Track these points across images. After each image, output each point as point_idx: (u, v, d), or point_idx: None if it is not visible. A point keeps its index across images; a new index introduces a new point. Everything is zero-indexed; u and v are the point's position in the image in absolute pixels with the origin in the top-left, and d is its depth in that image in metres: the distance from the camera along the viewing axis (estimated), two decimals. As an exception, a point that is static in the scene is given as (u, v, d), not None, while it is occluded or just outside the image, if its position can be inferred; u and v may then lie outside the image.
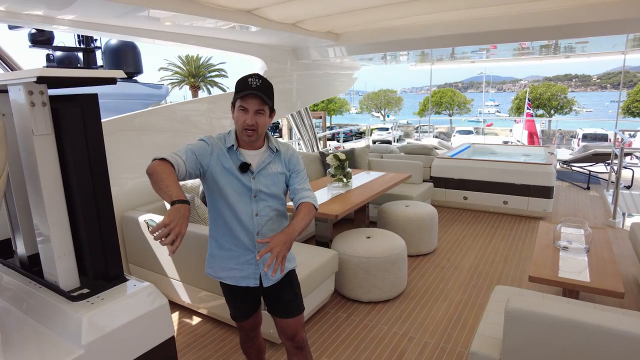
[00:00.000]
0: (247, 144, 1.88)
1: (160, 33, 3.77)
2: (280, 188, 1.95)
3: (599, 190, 7.07)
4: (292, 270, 2.06)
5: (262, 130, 1.83)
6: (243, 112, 1.77)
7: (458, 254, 4.42)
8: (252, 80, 1.75)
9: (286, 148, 2.03)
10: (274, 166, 1.93)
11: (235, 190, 1.87)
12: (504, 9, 3.92)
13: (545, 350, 1.78)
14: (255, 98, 1.74)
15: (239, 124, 1.79)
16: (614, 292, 2.58)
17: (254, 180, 1.87)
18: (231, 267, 1.93)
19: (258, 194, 1.88)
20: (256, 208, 1.89)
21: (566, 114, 36.11)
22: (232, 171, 1.85)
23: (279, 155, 1.96)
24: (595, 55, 7.59)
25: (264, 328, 2.82)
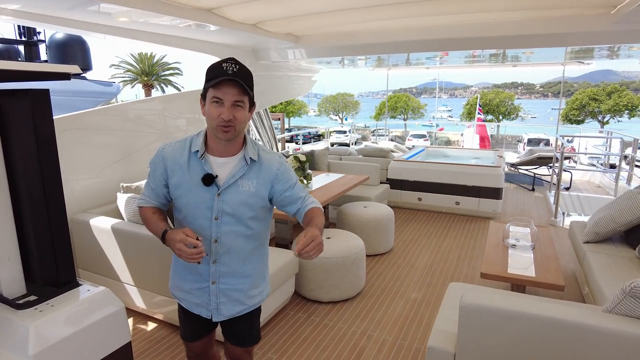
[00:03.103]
0: (218, 149, 1.55)
1: (112, 28, 3.62)
2: (251, 211, 1.58)
3: (543, 192, 7.53)
4: (258, 309, 1.82)
5: (240, 128, 1.50)
6: (217, 105, 1.44)
7: (413, 253, 4.56)
8: (227, 66, 1.42)
9: (270, 160, 1.62)
10: (246, 182, 1.56)
11: (194, 207, 1.55)
12: (457, 18, 4.10)
13: (497, 340, 1.88)
14: (232, 86, 1.42)
15: (212, 120, 1.46)
16: (555, 285, 2.77)
17: (219, 197, 1.53)
18: (186, 290, 1.69)
19: (221, 215, 1.54)
20: (216, 233, 1.56)
21: (513, 119, 38.16)
22: (192, 184, 1.53)
23: (258, 168, 1.58)
24: (538, 65, 8.11)
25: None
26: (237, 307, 1.69)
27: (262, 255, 1.76)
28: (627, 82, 36.76)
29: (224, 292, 1.64)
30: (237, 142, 1.56)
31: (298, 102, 41.73)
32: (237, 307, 1.69)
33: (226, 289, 1.64)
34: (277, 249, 3.36)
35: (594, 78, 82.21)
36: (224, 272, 1.63)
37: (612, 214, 3.49)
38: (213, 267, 1.61)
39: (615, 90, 32.38)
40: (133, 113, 4.11)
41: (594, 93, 33.01)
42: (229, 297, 1.66)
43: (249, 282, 1.69)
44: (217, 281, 1.63)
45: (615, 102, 31.65)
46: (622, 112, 31.91)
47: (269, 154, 1.65)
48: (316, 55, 5.27)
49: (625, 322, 1.71)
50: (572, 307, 1.95)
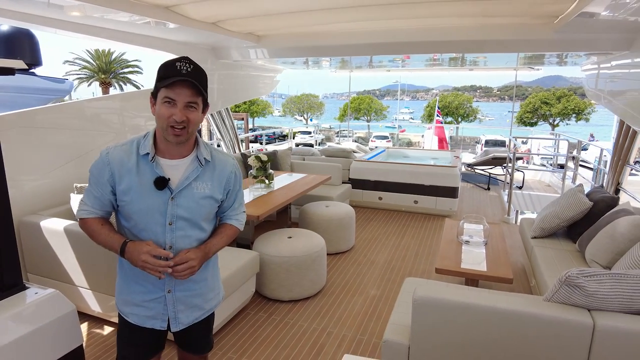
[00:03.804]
0: (168, 151, 1.49)
1: (64, 23, 3.48)
2: (207, 214, 1.57)
3: (497, 191, 7.88)
4: (212, 315, 1.78)
5: (193, 129, 1.45)
6: (169, 105, 1.38)
7: (374, 251, 4.66)
8: (181, 65, 1.36)
9: (224, 161, 1.60)
10: (201, 185, 1.52)
11: (145, 214, 1.46)
12: (417, 23, 4.23)
13: (448, 331, 1.98)
14: (186, 87, 1.37)
15: (163, 121, 1.39)
16: (504, 279, 2.92)
17: (172, 201, 1.47)
18: (136, 304, 1.57)
19: (175, 220, 1.49)
20: (171, 239, 1.49)
21: (471, 121, 39.59)
22: (143, 189, 1.45)
23: (211, 170, 1.55)
24: (494, 69, 8.49)
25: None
26: (195, 312, 1.65)
27: (214, 258, 1.73)
28: (575, 88, 38.95)
29: (181, 300, 1.59)
30: (188, 143, 1.50)
31: (262, 102, 41.43)
32: (196, 313, 1.65)
33: (184, 296, 1.59)
34: (238, 249, 3.36)
35: (545, 83, 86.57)
36: (180, 279, 1.55)
37: (556, 211, 3.72)
38: (168, 276, 1.52)
39: (564, 95, 34.32)
40: (90, 111, 3.97)
41: (545, 97, 34.83)
42: (187, 304, 1.61)
43: (206, 285, 1.67)
44: (174, 289, 1.57)
45: (564, 106, 33.52)
46: (570, 116, 33.84)
47: (222, 155, 1.62)
48: (278, 55, 5.28)
49: (562, 309, 1.84)
50: (517, 297, 2.08)
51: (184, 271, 1.44)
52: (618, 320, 1.75)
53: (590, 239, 3.21)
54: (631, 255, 2.60)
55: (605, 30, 3.42)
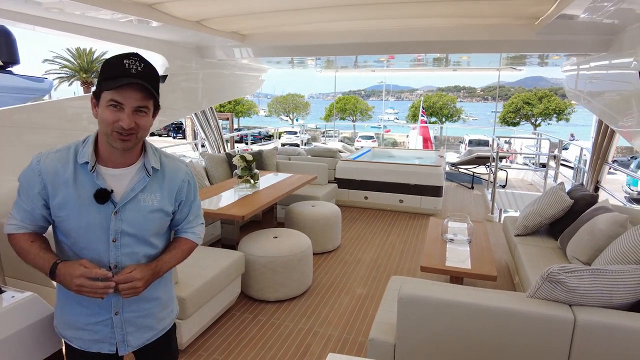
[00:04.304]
0: (112, 159, 1.32)
1: (43, 19, 3.39)
2: (156, 228, 1.41)
3: (481, 189, 7.98)
4: (173, 326, 1.64)
5: (142, 135, 1.31)
6: (115, 110, 1.23)
7: (360, 250, 4.68)
8: (130, 63, 1.22)
9: (176, 168, 1.45)
10: (148, 196, 1.36)
11: (86, 230, 1.30)
12: (401, 23, 4.25)
13: (433, 329, 1.99)
14: (135, 90, 1.22)
15: (107, 126, 1.24)
16: (489, 276, 2.96)
17: (116, 216, 1.31)
18: (80, 327, 1.40)
19: (119, 236, 1.33)
20: (115, 257, 1.34)
21: (455, 121, 40.05)
22: (82, 203, 1.28)
23: (160, 179, 1.40)
24: (477, 70, 8.60)
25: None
26: (146, 334, 1.49)
27: (168, 273, 1.56)
28: (556, 88, 39.72)
29: (131, 322, 1.43)
30: (135, 150, 1.35)
31: (247, 102, 41.21)
32: (147, 334, 1.50)
33: (133, 317, 1.43)
34: (222, 250, 3.33)
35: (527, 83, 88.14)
36: (129, 299, 1.39)
37: (539, 209, 3.78)
38: (115, 296, 1.36)
39: (545, 95, 34.99)
40: (71, 111, 3.88)
41: (527, 97, 35.45)
42: (137, 326, 1.46)
43: (158, 304, 1.51)
44: (121, 311, 1.41)
45: (546, 107, 34.16)
46: (552, 116, 34.51)
47: (173, 162, 1.46)
48: (263, 54, 5.24)
49: (544, 305, 1.87)
50: (501, 294, 2.11)
51: (127, 290, 1.30)
52: (597, 315, 1.79)
53: (571, 236, 3.27)
54: (610, 251, 2.66)
55: (584, 31, 3.49)
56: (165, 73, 4.69)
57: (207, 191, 4.25)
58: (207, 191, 4.25)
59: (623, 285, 1.82)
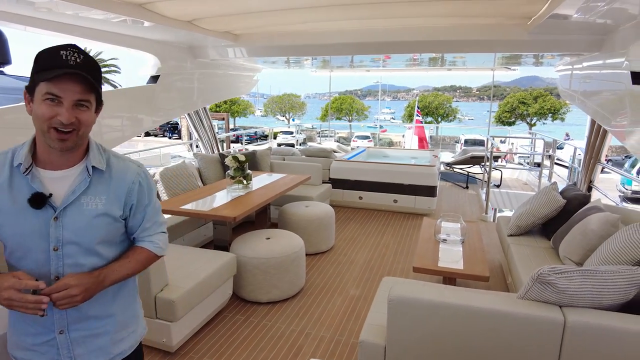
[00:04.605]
0: (51, 160, 1.21)
1: (34, 20, 3.36)
2: (103, 236, 1.26)
3: (476, 189, 7.99)
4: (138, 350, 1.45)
5: (85, 132, 1.19)
6: (52, 104, 1.12)
7: (353, 250, 4.66)
8: (68, 55, 1.12)
9: (124, 169, 1.31)
10: (92, 200, 1.23)
11: (22, 238, 1.19)
12: (396, 22, 4.24)
13: (424, 331, 1.98)
14: (75, 81, 1.13)
15: (43, 122, 1.13)
16: (481, 277, 2.95)
17: (56, 222, 1.19)
18: (28, 348, 1.27)
19: (61, 245, 1.20)
20: (57, 268, 1.20)
21: (451, 121, 40.14)
22: (18, 209, 1.17)
23: (107, 181, 1.27)
24: (472, 69, 8.61)
25: (154, 336, 2.69)
26: (100, 358, 1.32)
27: (128, 288, 1.40)
28: (551, 88, 39.84)
29: (79, 342, 1.27)
30: (79, 149, 1.24)
31: (243, 102, 41.11)
32: (101, 358, 1.32)
33: (81, 337, 1.27)
34: (214, 251, 3.31)
35: (523, 83, 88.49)
36: (74, 317, 1.25)
37: (532, 209, 3.78)
38: (58, 313, 1.22)
39: (541, 95, 35.12)
40: None
41: (523, 97, 35.56)
42: (87, 347, 1.29)
43: (114, 322, 1.34)
44: (67, 329, 1.25)
45: (541, 106, 34.29)
46: (547, 115, 34.64)
47: (123, 162, 1.33)
48: (257, 54, 5.22)
49: (534, 306, 1.86)
50: (492, 295, 2.10)
51: (62, 300, 1.14)
52: (587, 316, 1.78)
53: (564, 236, 3.27)
54: (601, 251, 2.66)
55: (577, 31, 3.49)
56: (157, 73, 4.66)
57: (199, 192, 4.22)
58: (199, 192, 4.22)
59: (613, 286, 1.82)
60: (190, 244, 4.25)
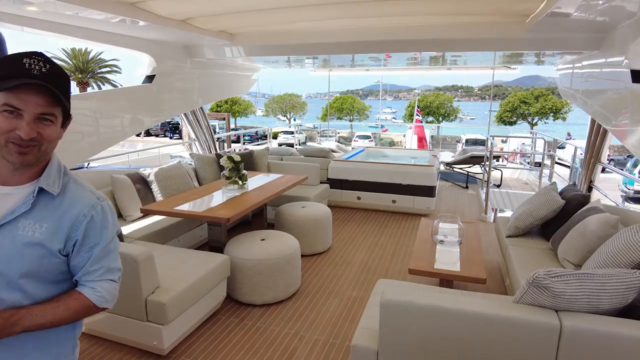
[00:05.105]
0: (2, 174, 1.08)
1: (31, 20, 3.33)
2: (27, 267, 1.06)
3: (476, 189, 7.93)
4: None
5: (47, 149, 1.08)
6: (10, 116, 1.01)
7: (350, 251, 4.62)
8: (32, 63, 1.01)
9: (78, 198, 1.15)
10: (31, 225, 1.07)
11: None
12: (394, 20, 4.19)
13: (417, 335, 1.93)
14: (38, 93, 1.02)
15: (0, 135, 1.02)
16: (478, 279, 2.89)
17: None
18: None
19: None
20: None
21: (452, 121, 40.04)
22: None
23: (55, 207, 1.11)
24: (472, 68, 8.55)
25: (145, 339, 2.66)
26: None
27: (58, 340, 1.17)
28: (552, 87, 39.68)
29: None
30: (40, 166, 1.12)
31: (244, 102, 41.08)
32: None
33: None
34: (207, 253, 3.28)
35: (524, 82, 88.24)
36: None
37: (530, 209, 3.73)
38: None
39: (542, 94, 34.97)
40: None
41: (524, 96, 35.43)
42: None
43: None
44: None
45: (542, 105, 34.16)
46: (548, 115, 34.51)
47: (81, 190, 1.17)
48: (255, 54, 5.18)
49: (529, 311, 1.81)
50: (487, 299, 2.05)
51: None
52: (584, 321, 1.73)
53: (563, 237, 3.22)
54: (600, 253, 2.61)
55: (576, 29, 3.44)
56: (153, 73, 4.62)
57: (194, 192, 4.18)
58: (194, 192, 4.18)
59: (611, 290, 1.77)
60: (185, 245, 4.21)
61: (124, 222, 3.99)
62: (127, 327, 2.69)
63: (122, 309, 2.67)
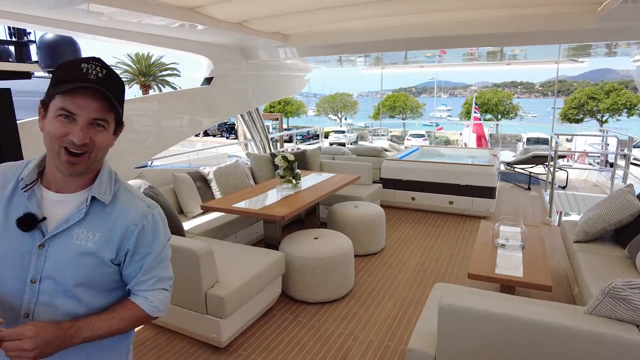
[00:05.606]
0: (56, 180, 1.07)
1: (101, 29, 3.59)
2: (82, 277, 1.05)
3: (539, 191, 7.49)
4: None
5: (98, 156, 1.05)
6: (66, 121, 0.99)
7: (405, 253, 4.53)
8: (89, 68, 1.00)
9: (129, 207, 1.13)
10: (84, 234, 1.06)
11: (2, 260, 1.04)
12: (452, 16, 4.06)
13: (476, 342, 1.85)
14: (94, 98, 1.00)
15: (53, 141, 1.00)
16: (542, 286, 2.73)
17: (40, 250, 1.03)
18: None
19: (41, 278, 1.03)
20: (29, 304, 1.03)
21: (512, 119, 38.12)
22: (7, 227, 1.03)
23: (106, 215, 1.09)
24: (534, 63, 8.09)
25: (205, 331, 2.76)
26: None
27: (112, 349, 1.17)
28: (626, 81, 36.62)
29: None
30: (91, 174, 1.10)
31: (296, 103, 41.69)
32: None
33: None
34: (263, 249, 3.35)
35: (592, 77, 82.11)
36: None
37: (602, 213, 3.45)
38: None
39: (614, 88, 32.30)
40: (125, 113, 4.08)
41: (592, 92, 32.94)
42: None
43: None
44: None
45: (614, 101, 31.57)
46: (621, 111, 31.84)
47: (132, 199, 1.14)
48: (308, 54, 5.24)
49: (604, 324, 1.67)
50: (554, 308, 1.92)
51: (12, 352, 0.93)
52: (670, 338, 1.57)
53: (641, 244, 2.95)
54: (687, 263, 2.36)
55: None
56: (211, 75, 4.81)
57: (250, 190, 4.30)
58: (250, 190, 4.30)
59: (702, 305, 1.59)
60: (242, 241, 4.34)
61: (185, 218, 4.18)
62: (188, 319, 2.82)
63: (184, 301, 2.79)
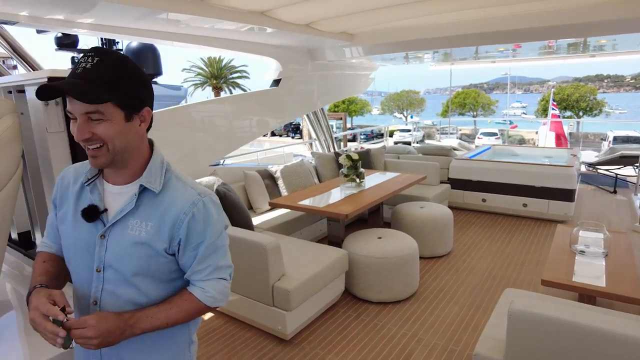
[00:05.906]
0: (110, 174, 1.11)
1: (178, 35, 3.87)
2: (139, 268, 1.07)
3: (627, 194, 6.83)
4: None
5: (118, 147, 1.01)
6: (73, 121, 1.00)
7: (474, 257, 4.36)
8: (81, 61, 0.96)
9: (179, 196, 1.10)
10: (138, 224, 1.07)
11: (73, 251, 1.12)
12: (526, 7, 3.84)
13: (546, 350, 1.75)
14: None
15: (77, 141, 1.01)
16: (629, 298, 2.50)
17: (102, 240, 1.07)
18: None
19: (104, 267, 1.07)
20: (96, 292, 1.08)
21: (596, 115, 34.96)
22: (76, 218, 1.09)
23: (157, 205, 1.08)
24: (624, 54, 7.36)
25: (271, 323, 2.88)
26: None
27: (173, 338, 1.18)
28: None
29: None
30: (134, 165, 1.09)
31: (360, 101, 41.54)
32: None
33: None
34: (327, 247, 3.42)
35: (698, 67, 72.73)
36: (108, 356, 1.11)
37: None
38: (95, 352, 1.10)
39: None
40: (198, 114, 4.37)
41: (696, 84, 29.19)
42: None
43: None
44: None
45: None
46: None
47: (182, 187, 1.11)
48: (374, 52, 5.22)
49: None
50: (636, 322, 1.76)
51: (79, 340, 0.96)
52: None
53: None
54: None
55: None
56: (279, 77, 4.97)
57: (315, 189, 4.40)
58: (315, 189, 4.40)
59: None
60: (306, 237, 4.45)
61: (254, 214, 4.38)
62: (256, 310, 2.95)
63: (252, 293, 2.93)
